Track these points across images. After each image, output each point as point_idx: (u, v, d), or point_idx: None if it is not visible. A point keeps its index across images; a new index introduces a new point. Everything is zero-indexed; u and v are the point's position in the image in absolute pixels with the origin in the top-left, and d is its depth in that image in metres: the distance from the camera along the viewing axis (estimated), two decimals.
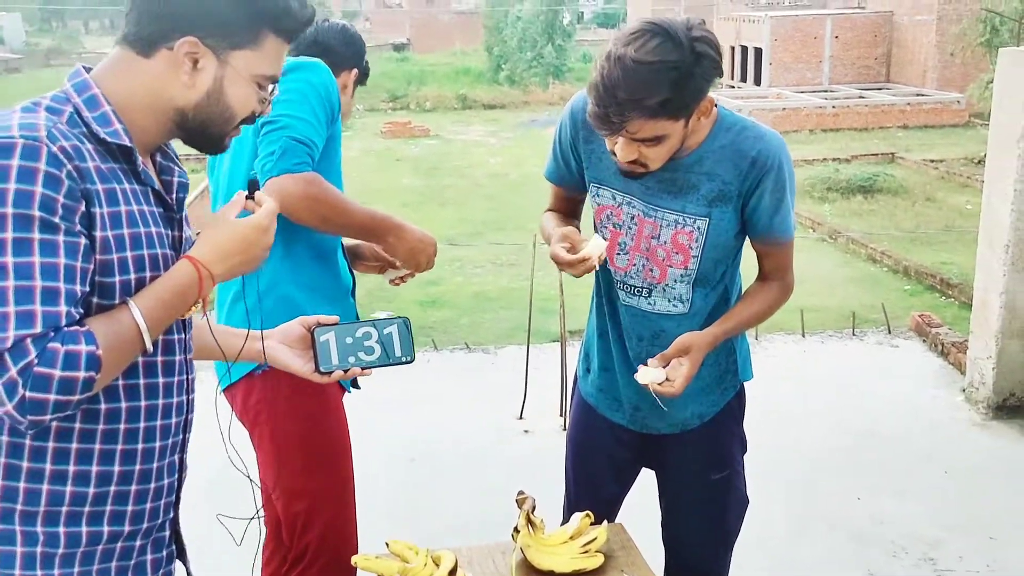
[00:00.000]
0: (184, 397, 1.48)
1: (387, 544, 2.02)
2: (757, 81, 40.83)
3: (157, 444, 1.42)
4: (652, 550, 2.26)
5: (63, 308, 1.20)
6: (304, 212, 2.08)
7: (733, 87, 42.19)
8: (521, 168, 25.24)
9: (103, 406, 1.34)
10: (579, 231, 2.32)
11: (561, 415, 4.54)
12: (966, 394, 4.78)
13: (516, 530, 2.09)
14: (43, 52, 66.60)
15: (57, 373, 1.17)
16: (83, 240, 1.24)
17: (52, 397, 1.17)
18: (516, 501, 2.12)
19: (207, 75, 1.36)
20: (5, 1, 78.72)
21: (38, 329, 1.17)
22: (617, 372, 2.29)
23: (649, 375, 2.03)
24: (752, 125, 2.05)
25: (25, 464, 1.31)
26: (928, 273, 15.77)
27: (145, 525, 1.42)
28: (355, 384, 2.46)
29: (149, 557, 1.44)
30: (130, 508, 1.39)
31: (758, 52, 41.00)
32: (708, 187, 2.03)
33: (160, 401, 1.41)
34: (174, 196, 1.46)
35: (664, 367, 2.05)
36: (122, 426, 1.36)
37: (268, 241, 1.44)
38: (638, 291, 2.17)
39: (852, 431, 4.47)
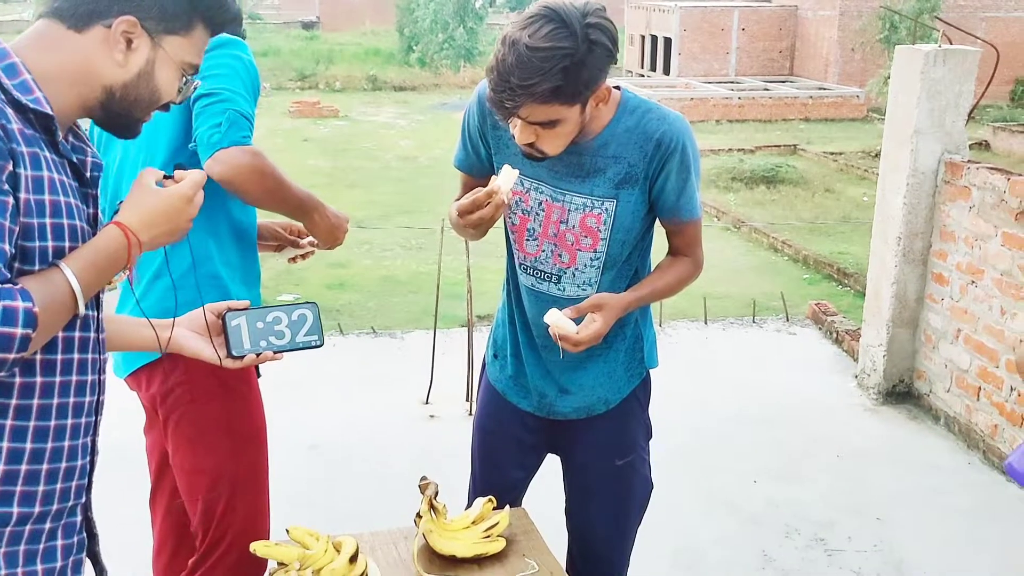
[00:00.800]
0: (97, 376, 1.45)
1: (287, 531, 1.99)
2: (666, 71, 41.43)
3: (69, 422, 1.38)
4: (554, 535, 2.28)
5: None
6: (252, 184, 2.06)
7: (643, 75, 42.73)
8: (431, 151, 25.13)
9: (18, 380, 1.31)
10: None
11: (467, 400, 4.55)
12: (858, 380, 4.95)
13: (419, 515, 2.09)
14: None
15: None
16: (10, 200, 1.22)
17: None
18: (419, 487, 2.12)
19: (140, 56, 1.38)
20: None
21: None
22: (524, 359, 2.30)
23: (557, 317, 2.01)
24: (656, 107, 2.07)
25: None
26: (826, 263, 16.29)
27: (55, 507, 1.38)
28: (258, 371, 2.41)
29: (60, 542, 1.40)
30: (40, 488, 1.35)
31: (667, 42, 41.59)
32: (615, 170, 2.05)
33: (74, 377, 1.39)
34: (89, 174, 1.43)
35: (575, 322, 2.05)
36: (35, 401, 1.33)
37: (193, 212, 1.44)
38: (548, 276, 2.18)
39: (750, 416, 4.59)
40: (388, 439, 4.30)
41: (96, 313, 1.45)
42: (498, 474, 2.45)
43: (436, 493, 2.12)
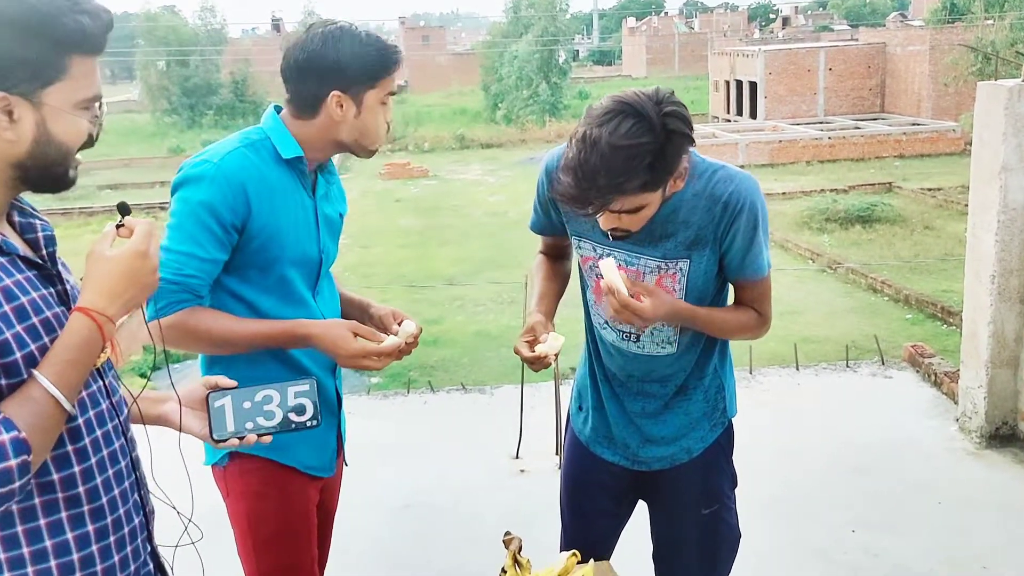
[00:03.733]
0: (123, 439, 1.48)
1: None
2: (752, 114, 41.16)
3: (116, 491, 1.43)
4: None
5: None
6: (188, 349, 2.10)
7: (729, 120, 42.49)
8: (520, 206, 25.41)
9: (55, 476, 1.35)
10: (566, 279, 2.39)
11: (557, 454, 4.57)
12: (959, 424, 4.80)
13: (503, 571, 2.13)
14: None
15: None
16: None
17: None
18: (503, 541, 2.17)
19: (27, 123, 1.31)
20: None
21: None
22: (607, 411, 2.34)
23: (615, 276, 1.99)
24: (723, 168, 2.10)
25: (2, 556, 1.31)
26: (929, 302, 15.83)
27: (132, 568, 1.46)
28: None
29: None
30: (116, 558, 1.43)
31: (753, 86, 41.36)
32: (685, 234, 2.09)
33: (104, 452, 1.42)
34: (44, 252, 1.43)
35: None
36: (80, 489, 1.37)
37: (153, 264, 1.39)
38: (627, 336, 2.23)
39: (845, 463, 4.48)
40: (479, 495, 4.34)
41: (103, 382, 1.46)
42: (588, 524, 2.49)
43: (520, 548, 2.16)
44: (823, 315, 14.81)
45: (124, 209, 1.42)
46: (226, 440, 1.53)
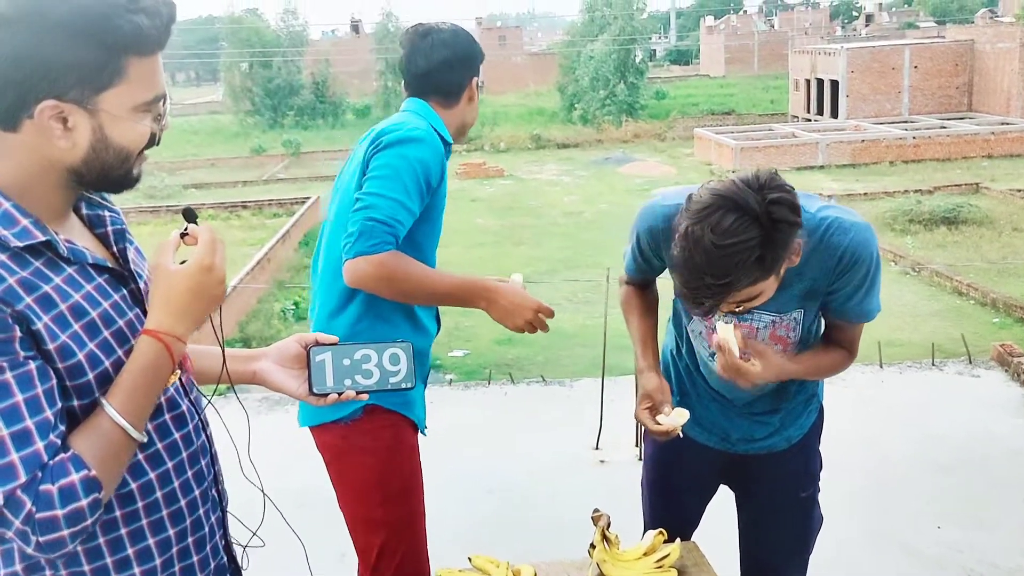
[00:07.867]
0: (202, 437, 1.45)
1: (469, 559, 2.14)
2: (834, 114, 40.40)
3: (196, 492, 1.41)
4: (725, 567, 2.32)
5: (39, 445, 1.15)
6: (382, 291, 2.18)
7: (809, 120, 41.80)
8: (595, 206, 25.39)
9: (134, 485, 1.32)
10: (657, 302, 2.39)
11: (636, 446, 4.62)
12: None
13: (592, 546, 2.19)
14: None
15: (60, 512, 1.15)
16: (32, 365, 1.17)
17: (66, 532, 1.16)
18: (592, 518, 2.23)
19: (83, 130, 1.23)
20: None
21: (23, 478, 1.14)
22: (707, 399, 2.34)
23: (730, 337, 1.95)
24: (835, 219, 2.00)
25: (87, 568, 1.30)
26: (1017, 305, 15.36)
27: (213, 565, 1.46)
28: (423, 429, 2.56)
29: None
30: (195, 559, 1.42)
31: (834, 84, 40.60)
32: (800, 286, 2.05)
33: (184, 454, 1.39)
34: (114, 250, 1.37)
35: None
36: (159, 494, 1.35)
37: (219, 275, 1.32)
38: (712, 355, 2.20)
39: (930, 459, 4.44)
40: (560, 483, 4.41)
41: (179, 381, 1.42)
42: (674, 505, 2.50)
43: (608, 524, 2.22)
44: (906, 318, 14.51)
45: (190, 216, 1.35)
46: (326, 395, 1.52)
